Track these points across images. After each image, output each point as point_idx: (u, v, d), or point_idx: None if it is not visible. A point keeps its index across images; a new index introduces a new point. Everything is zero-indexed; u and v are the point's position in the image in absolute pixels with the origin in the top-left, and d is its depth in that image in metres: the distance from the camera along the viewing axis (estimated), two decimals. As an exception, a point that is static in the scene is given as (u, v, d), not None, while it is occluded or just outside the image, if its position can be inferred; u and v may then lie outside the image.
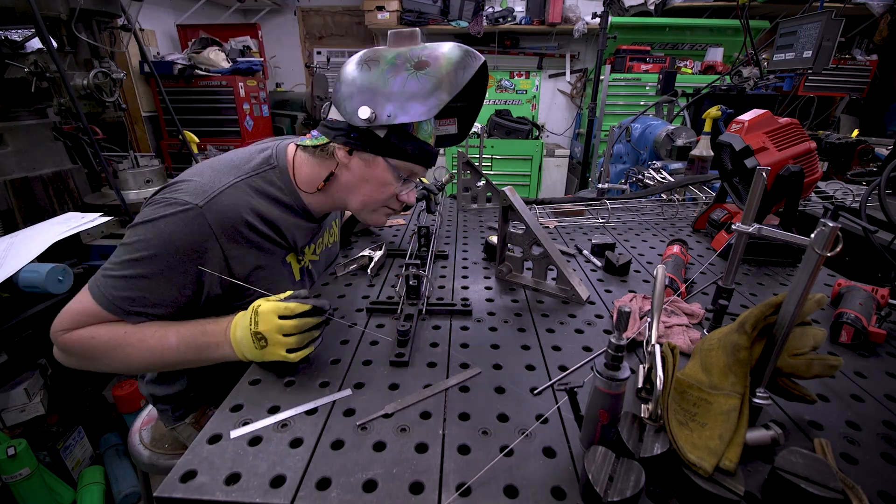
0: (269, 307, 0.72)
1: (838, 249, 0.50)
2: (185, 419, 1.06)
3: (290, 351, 0.71)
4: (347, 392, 0.71)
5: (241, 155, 0.92)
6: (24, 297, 1.37)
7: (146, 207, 0.80)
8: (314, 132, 0.91)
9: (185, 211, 0.77)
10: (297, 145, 0.94)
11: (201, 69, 3.30)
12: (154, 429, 1.17)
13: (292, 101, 4.20)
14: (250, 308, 0.74)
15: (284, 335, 0.71)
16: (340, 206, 0.98)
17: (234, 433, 0.62)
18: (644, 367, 0.62)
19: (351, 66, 0.85)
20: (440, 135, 1.03)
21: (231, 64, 3.45)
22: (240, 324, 0.75)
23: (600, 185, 1.78)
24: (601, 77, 3.75)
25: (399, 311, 0.94)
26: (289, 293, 0.75)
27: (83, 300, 0.78)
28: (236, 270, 0.85)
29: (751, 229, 0.73)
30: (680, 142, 2.04)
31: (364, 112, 0.80)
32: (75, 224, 1.50)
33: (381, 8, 4.18)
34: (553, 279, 1.06)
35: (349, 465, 0.57)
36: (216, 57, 3.37)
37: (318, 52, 4.85)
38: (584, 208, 1.71)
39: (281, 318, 0.71)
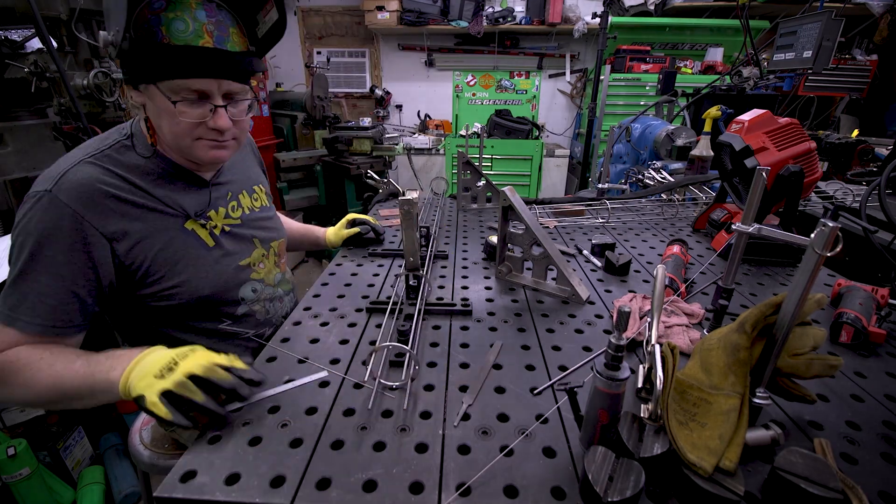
0: (201, 356, 0.67)
1: (838, 249, 0.50)
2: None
3: (169, 396, 0.61)
4: (324, 373, 0.73)
5: (100, 136, 0.89)
6: (24, 297, 1.37)
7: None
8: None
9: (37, 199, 0.76)
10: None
11: (201, 69, 3.30)
12: (154, 429, 1.17)
13: (292, 101, 4.20)
14: (161, 351, 0.68)
15: (192, 377, 0.63)
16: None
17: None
18: (644, 367, 0.62)
19: None
20: (268, 28, 0.89)
21: (231, 64, 3.44)
22: (150, 354, 0.68)
23: (600, 185, 1.78)
24: (601, 77, 3.75)
25: (399, 310, 0.94)
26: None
27: None
28: (125, 250, 0.81)
29: (751, 229, 0.73)
30: (680, 142, 2.04)
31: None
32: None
33: (381, 8, 4.18)
34: (553, 279, 1.06)
35: (349, 465, 0.57)
36: (216, 57, 3.37)
37: (318, 52, 4.85)
38: (584, 208, 1.71)
39: (218, 364, 0.66)
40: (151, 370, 0.65)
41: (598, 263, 1.23)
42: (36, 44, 1.78)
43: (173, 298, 0.89)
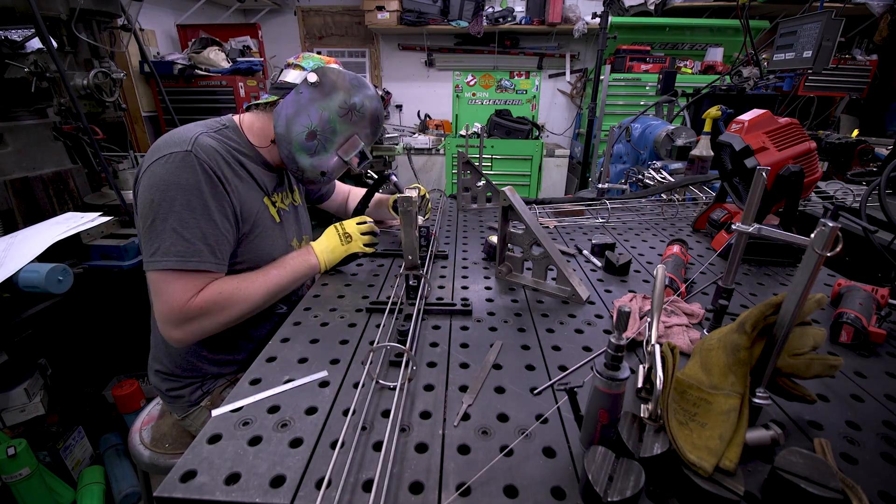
0: (349, 221, 1.16)
1: (838, 249, 0.50)
2: (202, 402, 1.09)
3: (366, 245, 1.14)
4: (324, 374, 0.73)
5: (200, 122, 1.04)
6: (24, 297, 1.37)
7: (143, 179, 0.91)
8: (264, 94, 1.06)
9: (180, 158, 0.89)
10: (247, 107, 1.10)
11: (201, 69, 3.30)
12: (154, 429, 1.17)
13: (292, 101, 4.19)
14: (331, 227, 1.14)
15: (362, 234, 1.14)
16: None
17: (216, 412, 0.66)
18: (644, 367, 0.62)
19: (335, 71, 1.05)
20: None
21: (231, 64, 3.44)
22: (324, 236, 1.13)
23: (600, 185, 1.78)
24: (601, 77, 3.75)
25: (399, 310, 0.94)
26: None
27: (166, 282, 0.88)
28: (236, 205, 0.99)
29: (751, 229, 0.73)
30: (680, 142, 2.04)
31: (312, 77, 1.02)
32: (75, 224, 1.50)
33: (381, 8, 4.18)
34: (553, 279, 1.06)
35: (349, 465, 0.57)
36: (216, 57, 3.36)
37: (318, 52, 4.85)
38: (584, 208, 1.71)
39: (358, 224, 1.15)
40: (333, 245, 1.13)
41: (598, 263, 1.23)
42: (36, 44, 1.78)
43: (244, 263, 1.04)
